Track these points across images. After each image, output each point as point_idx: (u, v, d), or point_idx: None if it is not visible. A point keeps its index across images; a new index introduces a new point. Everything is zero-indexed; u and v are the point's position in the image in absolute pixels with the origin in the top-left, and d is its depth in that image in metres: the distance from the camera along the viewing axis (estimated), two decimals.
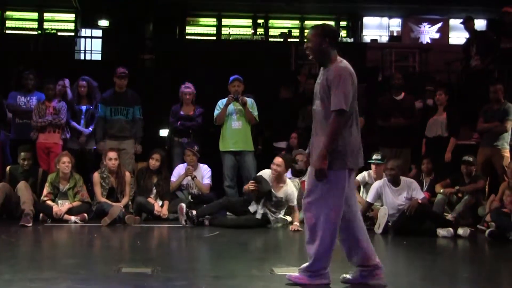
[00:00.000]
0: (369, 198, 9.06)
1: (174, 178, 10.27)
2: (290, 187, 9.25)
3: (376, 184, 9.13)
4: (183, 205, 8.97)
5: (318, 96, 5.19)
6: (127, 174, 9.77)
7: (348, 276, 5.34)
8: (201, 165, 10.39)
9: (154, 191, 9.86)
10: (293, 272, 5.27)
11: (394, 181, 8.96)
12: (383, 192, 8.98)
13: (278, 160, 9.22)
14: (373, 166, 9.70)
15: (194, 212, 9.02)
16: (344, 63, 5.18)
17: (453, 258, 7.55)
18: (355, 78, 5.16)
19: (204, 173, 10.36)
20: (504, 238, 8.16)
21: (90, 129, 10.68)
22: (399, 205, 8.85)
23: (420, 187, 9.22)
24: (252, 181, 9.22)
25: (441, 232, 8.48)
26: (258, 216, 9.15)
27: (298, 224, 8.84)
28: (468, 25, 12.99)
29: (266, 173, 9.28)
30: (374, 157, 9.72)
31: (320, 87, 5.19)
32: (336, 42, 5.27)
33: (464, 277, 6.15)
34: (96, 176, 9.65)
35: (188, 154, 10.22)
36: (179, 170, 10.36)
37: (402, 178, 9.07)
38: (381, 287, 5.23)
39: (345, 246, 5.30)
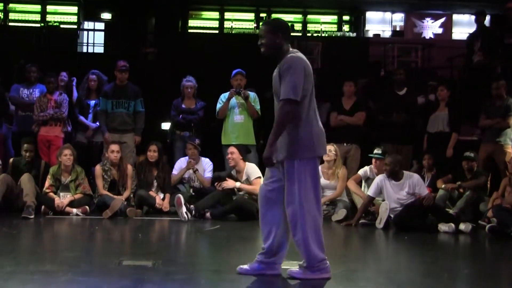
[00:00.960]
0: (370, 192, 9.05)
1: (175, 171, 10.31)
2: (250, 167, 9.46)
3: (377, 179, 9.12)
4: (180, 196, 8.95)
5: (276, 91, 5.18)
6: (129, 167, 9.79)
7: (245, 266, 5.29)
8: (202, 158, 10.42)
9: (155, 184, 9.90)
10: (293, 266, 5.26)
11: (394, 176, 8.95)
12: (384, 187, 8.97)
13: (231, 149, 9.51)
14: (373, 161, 9.71)
15: (192, 206, 9.04)
16: (297, 53, 5.16)
17: (454, 254, 7.55)
18: (310, 67, 5.14)
19: (206, 166, 10.39)
20: (505, 234, 8.13)
21: (98, 123, 10.74)
22: (400, 200, 8.85)
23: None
24: (216, 183, 9.51)
25: (443, 227, 8.48)
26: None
27: (237, 186, 9.31)
28: (479, 19, 12.93)
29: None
30: (375, 151, 9.73)
31: (274, 82, 5.20)
32: (288, 36, 5.25)
33: (464, 273, 6.15)
34: (98, 168, 9.68)
35: (189, 147, 10.25)
36: (181, 163, 10.40)
37: (405, 172, 9.06)
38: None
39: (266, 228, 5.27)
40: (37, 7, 21.96)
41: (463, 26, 21.70)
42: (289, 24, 5.39)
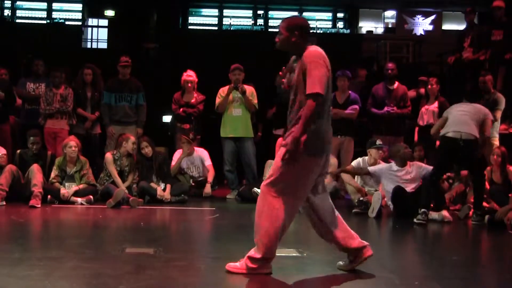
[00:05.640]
0: (371, 169, 9.31)
1: (173, 162, 10.59)
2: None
3: (384, 166, 9.34)
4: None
5: (296, 86, 4.92)
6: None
7: (341, 263, 5.21)
8: (197, 148, 10.72)
9: (154, 178, 10.03)
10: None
11: (403, 163, 9.20)
12: (387, 174, 9.16)
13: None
14: (374, 151, 9.78)
15: None
16: (318, 49, 4.94)
17: (444, 242, 7.67)
18: (329, 66, 4.91)
19: (203, 154, 10.70)
20: (502, 224, 7.94)
21: (96, 114, 10.99)
22: (408, 183, 9.07)
23: None
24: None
25: (433, 214, 8.47)
26: None
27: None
28: (469, 16, 12.97)
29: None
30: (378, 142, 9.88)
31: (296, 77, 4.93)
32: (306, 35, 5.02)
33: (453, 260, 6.08)
34: (109, 156, 9.81)
35: (183, 141, 10.54)
36: (178, 154, 10.66)
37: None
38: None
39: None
40: (43, 5, 21.93)
41: (453, 23, 21.86)
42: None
